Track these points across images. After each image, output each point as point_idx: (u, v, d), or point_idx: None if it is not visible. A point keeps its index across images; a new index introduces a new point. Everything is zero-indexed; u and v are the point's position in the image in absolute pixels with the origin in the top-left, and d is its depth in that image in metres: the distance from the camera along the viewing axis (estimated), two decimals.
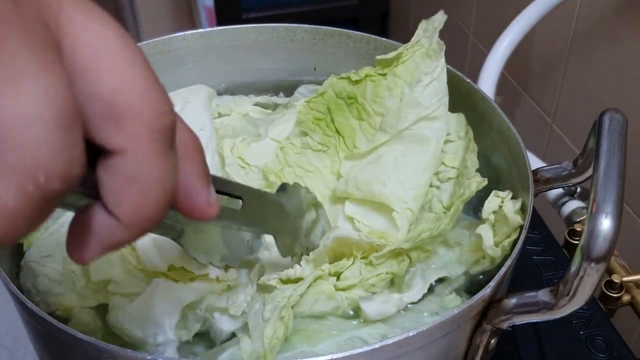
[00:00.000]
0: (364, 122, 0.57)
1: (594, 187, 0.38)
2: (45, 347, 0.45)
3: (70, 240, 0.26)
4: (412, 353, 0.39)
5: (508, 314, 0.41)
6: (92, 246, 0.26)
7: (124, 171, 0.24)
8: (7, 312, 1.40)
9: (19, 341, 1.39)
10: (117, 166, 0.24)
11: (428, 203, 0.53)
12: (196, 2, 1.71)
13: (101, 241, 0.25)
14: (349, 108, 0.57)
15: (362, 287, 0.47)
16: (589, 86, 0.91)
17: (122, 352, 0.37)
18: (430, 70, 0.54)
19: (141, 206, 0.25)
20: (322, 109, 0.58)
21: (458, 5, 1.29)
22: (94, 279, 0.47)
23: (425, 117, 0.53)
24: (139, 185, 0.24)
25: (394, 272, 0.47)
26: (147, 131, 0.24)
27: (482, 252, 0.48)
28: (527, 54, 1.03)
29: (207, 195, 0.29)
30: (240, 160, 0.58)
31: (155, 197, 0.25)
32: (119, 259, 0.49)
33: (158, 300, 0.45)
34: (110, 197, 0.24)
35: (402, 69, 0.56)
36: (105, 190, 0.24)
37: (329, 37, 0.64)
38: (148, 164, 0.24)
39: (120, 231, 0.25)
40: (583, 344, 0.59)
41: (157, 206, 0.25)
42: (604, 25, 0.86)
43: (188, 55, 0.65)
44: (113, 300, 0.47)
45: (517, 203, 0.49)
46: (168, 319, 0.45)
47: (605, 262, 0.36)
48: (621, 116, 0.43)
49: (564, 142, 0.99)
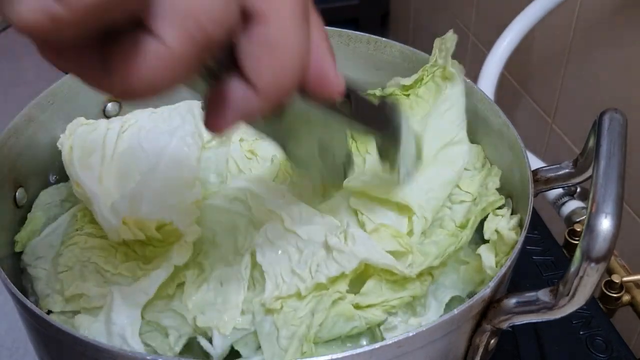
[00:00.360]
0: None
1: (593, 187, 0.38)
2: (45, 347, 0.45)
3: (207, 114, 0.27)
4: (412, 353, 0.39)
5: (508, 314, 0.41)
6: (229, 116, 0.27)
7: (265, 38, 0.25)
8: (7, 312, 1.40)
9: (19, 341, 1.39)
10: (259, 33, 0.25)
11: (439, 220, 0.53)
12: None
13: (238, 109, 0.26)
14: None
15: (382, 308, 0.46)
16: (589, 86, 0.91)
17: (121, 352, 0.37)
18: (449, 95, 0.56)
19: (279, 73, 0.26)
20: None
21: (458, 5, 1.29)
22: (67, 294, 0.47)
23: (449, 142, 0.55)
24: (279, 52, 0.25)
25: (416, 295, 0.47)
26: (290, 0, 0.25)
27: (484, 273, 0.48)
28: (527, 53, 1.03)
29: (335, 69, 0.30)
30: (248, 153, 0.58)
31: (292, 64, 0.26)
32: (93, 272, 0.48)
33: (116, 312, 0.45)
34: (250, 64, 0.25)
35: (424, 90, 0.58)
36: (246, 57, 0.25)
37: (329, 37, 0.64)
38: (288, 31, 0.25)
39: (256, 100, 0.26)
40: (583, 344, 0.59)
41: (292, 74, 0.26)
42: (604, 25, 0.86)
43: None
44: (78, 319, 0.46)
45: (513, 220, 0.49)
46: (130, 328, 0.44)
47: (605, 262, 0.36)
48: (621, 116, 0.43)
49: (564, 142, 0.99)
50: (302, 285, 0.45)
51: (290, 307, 0.45)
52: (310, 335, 0.43)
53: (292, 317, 0.45)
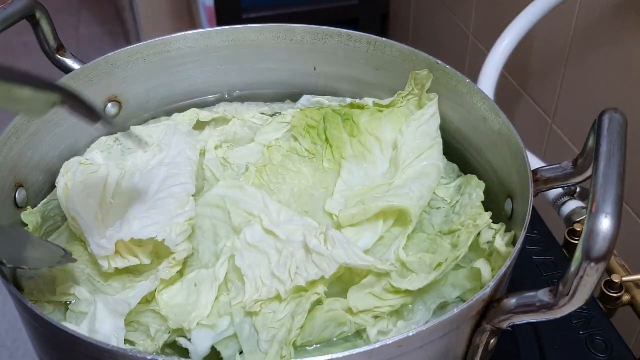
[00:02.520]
0: (355, 139, 0.59)
1: (593, 187, 0.38)
2: (45, 347, 0.45)
3: None
4: (411, 353, 0.39)
5: (508, 314, 0.41)
6: None
7: None
8: (7, 312, 1.40)
9: (19, 341, 1.39)
10: None
11: (419, 224, 0.54)
12: (196, 2, 1.71)
13: None
14: (344, 124, 0.60)
15: (372, 314, 0.47)
16: (588, 86, 0.91)
17: (122, 352, 0.37)
18: (419, 117, 0.59)
19: None
20: (317, 118, 0.60)
21: (458, 5, 1.29)
22: (58, 291, 0.48)
23: (422, 154, 0.57)
24: None
25: (406, 303, 0.48)
26: None
27: (479, 282, 0.49)
28: (527, 53, 1.03)
29: None
30: (222, 160, 0.59)
31: None
32: (86, 281, 0.50)
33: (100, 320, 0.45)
34: None
35: (397, 111, 0.61)
36: None
37: (329, 38, 0.64)
38: None
39: None
40: (583, 344, 0.59)
41: None
42: (604, 25, 0.86)
43: (188, 56, 0.65)
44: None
45: (506, 237, 0.50)
46: (115, 337, 0.45)
47: (605, 262, 0.36)
48: (621, 116, 0.43)
49: (564, 142, 0.99)
50: (282, 288, 0.46)
51: (270, 309, 0.46)
52: (290, 339, 0.44)
53: (271, 320, 0.45)
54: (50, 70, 0.61)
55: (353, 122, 0.60)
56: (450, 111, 0.60)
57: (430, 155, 0.57)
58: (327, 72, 0.67)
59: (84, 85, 0.59)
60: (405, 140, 0.58)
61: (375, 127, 0.60)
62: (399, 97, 0.61)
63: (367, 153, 0.59)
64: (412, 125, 0.59)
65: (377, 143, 0.59)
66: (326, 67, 0.66)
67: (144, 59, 0.62)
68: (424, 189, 0.55)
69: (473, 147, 0.59)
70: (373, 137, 0.59)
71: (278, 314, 0.46)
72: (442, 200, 0.56)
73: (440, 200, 0.57)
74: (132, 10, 2.04)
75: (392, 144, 0.59)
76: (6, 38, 0.70)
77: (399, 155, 0.57)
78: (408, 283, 0.47)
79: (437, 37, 1.43)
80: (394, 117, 0.60)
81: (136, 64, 0.62)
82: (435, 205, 0.56)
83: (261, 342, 0.44)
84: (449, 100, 0.60)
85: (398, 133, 0.59)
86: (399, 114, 0.60)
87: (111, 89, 0.62)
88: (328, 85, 0.67)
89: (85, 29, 2.48)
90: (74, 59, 0.62)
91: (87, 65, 0.59)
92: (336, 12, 1.63)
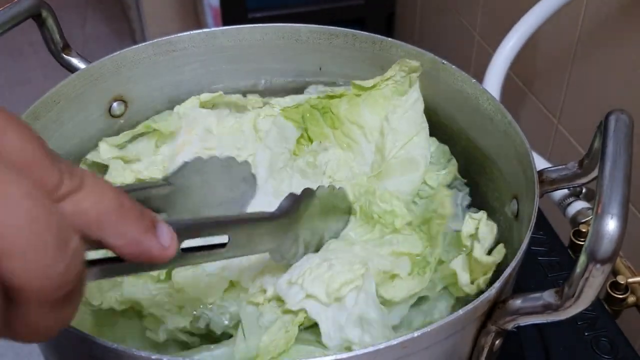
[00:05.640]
0: (337, 131, 0.59)
1: (599, 188, 0.38)
2: (51, 347, 0.45)
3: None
4: (416, 354, 0.39)
5: (513, 315, 0.41)
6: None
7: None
8: None
9: None
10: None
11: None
12: (202, 1, 1.71)
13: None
14: (323, 117, 0.60)
15: None
16: (594, 86, 0.91)
17: (127, 352, 0.37)
18: (403, 102, 0.58)
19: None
20: (297, 118, 0.60)
21: (464, 5, 1.29)
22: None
23: (409, 141, 0.57)
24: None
25: None
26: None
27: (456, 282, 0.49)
28: (533, 54, 1.03)
29: (150, 241, 0.28)
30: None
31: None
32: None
33: None
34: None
35: (377, 93, 0.60)
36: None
37: (334, 37, 0.64)
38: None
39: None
40: (588, 345, 0.59)
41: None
42: (610, 26, 0.85)
43: (194, 55, 0.65)
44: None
45: (485, 243, 0.49)
46: None
47: (610, 263, 0.35)
48: (627, 117, 0.43)
49: (570, 142, 0.99)
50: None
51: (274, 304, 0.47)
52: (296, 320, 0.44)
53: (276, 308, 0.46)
54: (56, 69, 0.61)
55: (332, 114, 0.60)
56: (456, 111, 0.60)
57: (418, 143, 0.57)
58: (332, 72, 0.66)
59: (89, 84, 0.59)
60: (390, 127, 0.57)
61: (355, 115, 0.59)
62: (380, 80, 0.61)
63: (352, 143, 0.59)
64: (398, 112, 0.58)
65: (360, 130, 0.59)
66: (332, 67, 0.66)
67: (150, 58, 0.63)
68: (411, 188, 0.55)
69: (478, 147, 0.59)
70: (355, 125, 0.59)
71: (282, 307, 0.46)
72: (431, 188, 0.56)
73: (428, 189, 0.56)
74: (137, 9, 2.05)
75: (377, 129, 0.59)
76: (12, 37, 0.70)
77: (385, 143, 0.57)
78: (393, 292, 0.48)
79: (442, 36, 1.43)
80: (371, 100, 0.60)
81: (142, 63, 0.62)
82: (424, 195, 0.56)
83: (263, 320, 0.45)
84: (455, 100, 0.59)
85: (383, 119, 0.58)
86: (376, 97, 0.60)
87: (117, 88, 0.62)
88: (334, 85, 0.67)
89: (91, 27, 2.49)
90: (80, 58, 0.62)
91: (92, 65, 0.60)
92: (342, 11, 1.63)
